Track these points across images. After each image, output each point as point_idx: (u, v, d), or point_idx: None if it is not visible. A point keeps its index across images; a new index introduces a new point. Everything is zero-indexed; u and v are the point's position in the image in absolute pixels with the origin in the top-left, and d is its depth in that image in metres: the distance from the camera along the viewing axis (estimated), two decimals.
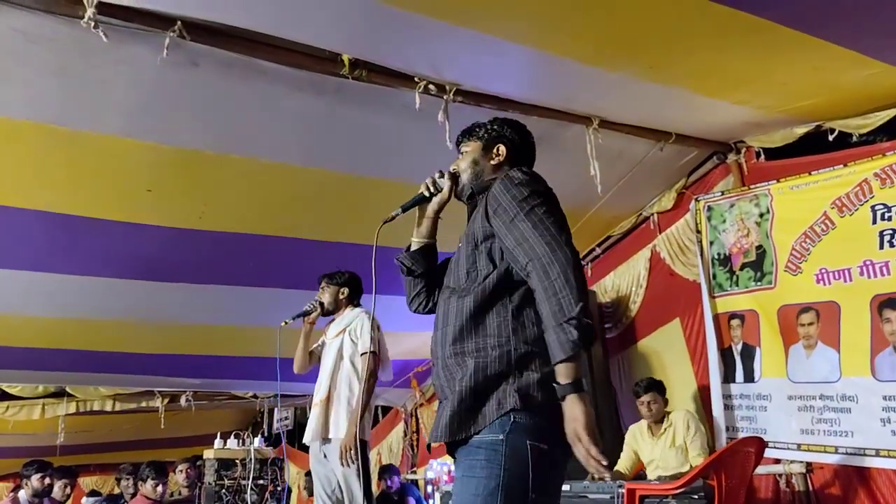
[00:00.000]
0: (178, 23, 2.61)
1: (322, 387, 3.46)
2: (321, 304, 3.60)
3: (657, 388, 3.88)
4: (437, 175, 1.84)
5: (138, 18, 2.60)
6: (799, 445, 3.56)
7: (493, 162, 1.85)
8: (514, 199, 1.62)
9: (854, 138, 3.59)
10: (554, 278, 1.50)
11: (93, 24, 2.49)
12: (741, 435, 3.73)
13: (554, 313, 1.47)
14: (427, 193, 1.82)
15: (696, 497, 3.12)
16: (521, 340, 1.57)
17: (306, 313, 3.60)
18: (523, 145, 1.90)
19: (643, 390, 3.85)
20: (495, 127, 1.88)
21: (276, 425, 8.80)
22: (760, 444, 3.22)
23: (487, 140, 1.86)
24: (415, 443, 7.42)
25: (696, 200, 4.18)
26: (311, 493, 3.77)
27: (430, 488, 6.16)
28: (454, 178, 1.84)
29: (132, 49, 2.69)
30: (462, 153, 1.88)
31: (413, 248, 1.88)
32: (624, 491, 3.24)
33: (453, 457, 1.65)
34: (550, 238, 1.54)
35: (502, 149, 1.86)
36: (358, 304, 3.66)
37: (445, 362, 1.63)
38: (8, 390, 6.67)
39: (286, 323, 3.60)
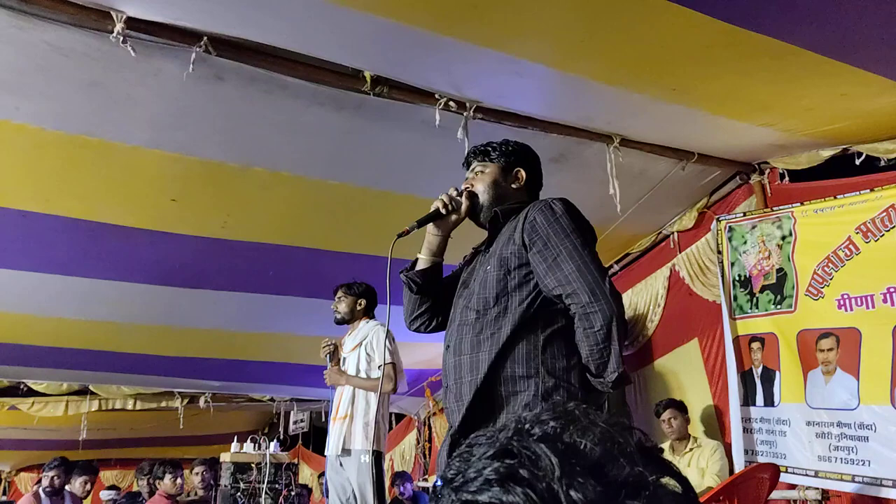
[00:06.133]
0: (205, 38, 2.64)
1: (343, 403, 3.50)
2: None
3: (675, 405, 3.97)
4: (453, 192, 1.82)
5: (166, 33, 2.64)
6: (816, 472, 3.50)
7: (514, 185, 1.86)
8: (557, 234, 1.61)
9: (882, 163, 3.53)
10: (597, 329, 1.53)
11: (121, 38, 2.55)
12: (760, 459, 3.69)
13: (595, 365, 1.56)
14: (444, 210, 1.79)
15: None
16: (548, 372, 1.57)
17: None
18: (538, 170, 1.91)
19: (662, 408, 3.97)
20: (511, 149, 1.88)
21: (291, 427, 8.87)
22: (775, 471, 3.18)
23: (506, 163, 1.86)
24: (427, 451, 7.42)
25: (718, 220, 4.13)
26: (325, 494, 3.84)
27: None
28: (473, 197, 1.82)
29: (159, 63, 2.74)
30: (476, 173, 1.87)
31: (421, 265, 1.86)
32: None
33: None
34: (595, 286, 1.55)
35: (522, 173, 1.87)
36: (372, 316, 3.69)
37: (470, 389, 1.60)
38: (34, 387, 6.82)
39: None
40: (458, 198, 1.81)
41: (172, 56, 2.71)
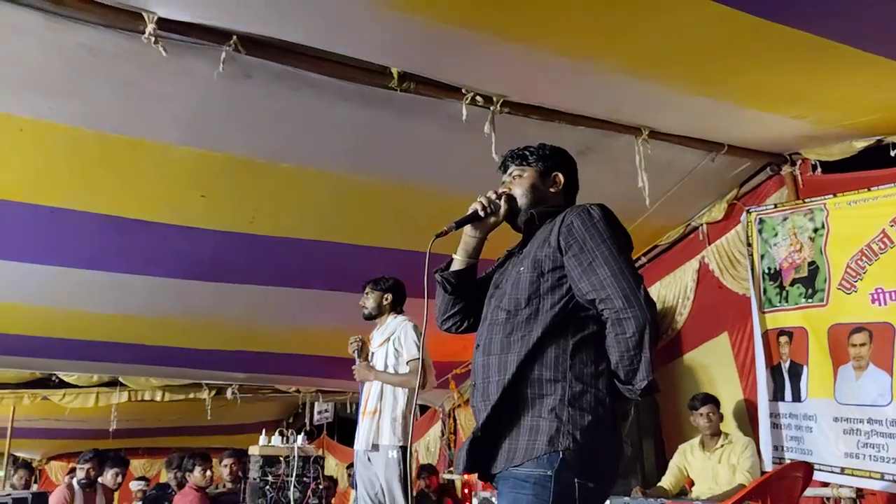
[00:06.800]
0: (234, 37, 2.65)
1: (372, 398, 3.52)
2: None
3: (713, 400, 3.91)
4: (492, 195, 1.82)
5: (196, 33, 2.65)
6: (843, 469, 3.44)
7: (552, 189, 1.86)
8: (593, 238, 1.61)
9: None
10: (629, 335, 1.52)
11: (153, 39, 2.56)
12: (788, 455, 3.65)
13: (625, 371, 1.55)
14: (482, 213, 1.79)
15: None
16: (575, 377, 1.57)
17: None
18: (575, 174, 1.91)
19: (700, 402, 3.89)
20: (549, 153, 1.88)
21: (316, 417, 8.98)
22: (808, 470, 3.14)
23: (544, 167, 1.86)
24: (452, 443, 7.47)
25: (748, 212, 4.07)
26: (353, 486, 3.90)
27: (466, 490, 6.21)
28: (511, 200, 1.82)
29: (189, 62, 2.76)
30: (513, 176, 1.87)
31: (456, 266, 1.87)
32: None
33: (487, 482, 1.65)
34: (630, 292, 1.54)
35: (560, 177, 1.87)
36: (401, 312, 3.70)
37: (497, 389, 1.60)
38: (65, 378, 6.96)
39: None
40: (497, 201, 1.81)
41: (202, 55, 2.72)
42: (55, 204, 3.64)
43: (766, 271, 3.95)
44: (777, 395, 3.82)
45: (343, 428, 9.50)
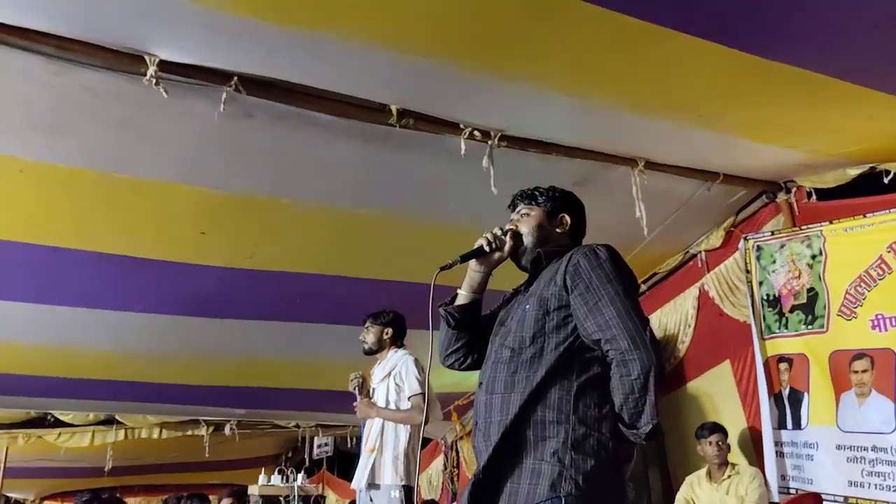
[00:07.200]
0: (235, 78, 2.68)
1: (372, 435, 3.47)
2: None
3: (722, 429, 3.88)
4: (498, 231, 1.83)
5: (197, 74, 2.68)
6: (846, 498, 3.40)
7: (558, 230, 1.87)
8: (600, 279, 1.60)
9: None
10: (634, 377, 1.51)
11: (154, 81, 2.59)
12: (792, 483, 3.61)
13: (629, 414, 1.54)
14: (487, 248, 1.80)
15: None
16: (579, 420, 1.55)
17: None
18: (583, 217, 1.93)
19: (709, 431, 3.85)
20: (557, 195, 1.90)
21: (315, 451, 8.87)
22: (817, 501, 3.11)
23: (551, 208, 1.88)
24: (455, 476, 7.36)
25: (745, 239, 4.08)
26: None
27: None
28: (517, 237, 1.83)
29: (190, 103, 2.78)
30: (521, 215, 1.89)
31: (461, 301, 1.87)
32: None
33: None
34: (636, 333, 1.54)
35: (567, 218, 1.88)
36: (401, 346, 3.67)
37: (499, 429, 1.58)
38: (60, 417, 6.87)
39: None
40: (503, 237, 1.82)
41: (203, 95, 2.74)
42: (54, 243, 3.63)
43: (765, 298, 3.95)
44: (781, 423, 3.79)
45: (343, 462, 9.37)
